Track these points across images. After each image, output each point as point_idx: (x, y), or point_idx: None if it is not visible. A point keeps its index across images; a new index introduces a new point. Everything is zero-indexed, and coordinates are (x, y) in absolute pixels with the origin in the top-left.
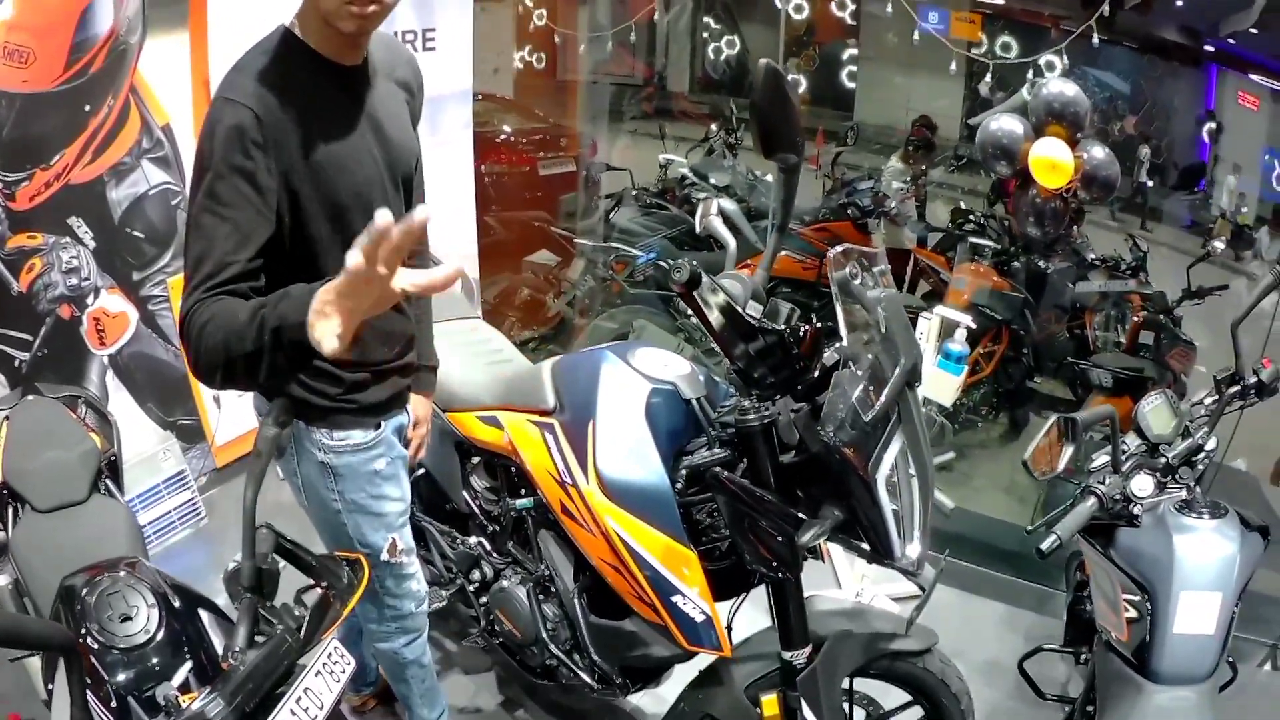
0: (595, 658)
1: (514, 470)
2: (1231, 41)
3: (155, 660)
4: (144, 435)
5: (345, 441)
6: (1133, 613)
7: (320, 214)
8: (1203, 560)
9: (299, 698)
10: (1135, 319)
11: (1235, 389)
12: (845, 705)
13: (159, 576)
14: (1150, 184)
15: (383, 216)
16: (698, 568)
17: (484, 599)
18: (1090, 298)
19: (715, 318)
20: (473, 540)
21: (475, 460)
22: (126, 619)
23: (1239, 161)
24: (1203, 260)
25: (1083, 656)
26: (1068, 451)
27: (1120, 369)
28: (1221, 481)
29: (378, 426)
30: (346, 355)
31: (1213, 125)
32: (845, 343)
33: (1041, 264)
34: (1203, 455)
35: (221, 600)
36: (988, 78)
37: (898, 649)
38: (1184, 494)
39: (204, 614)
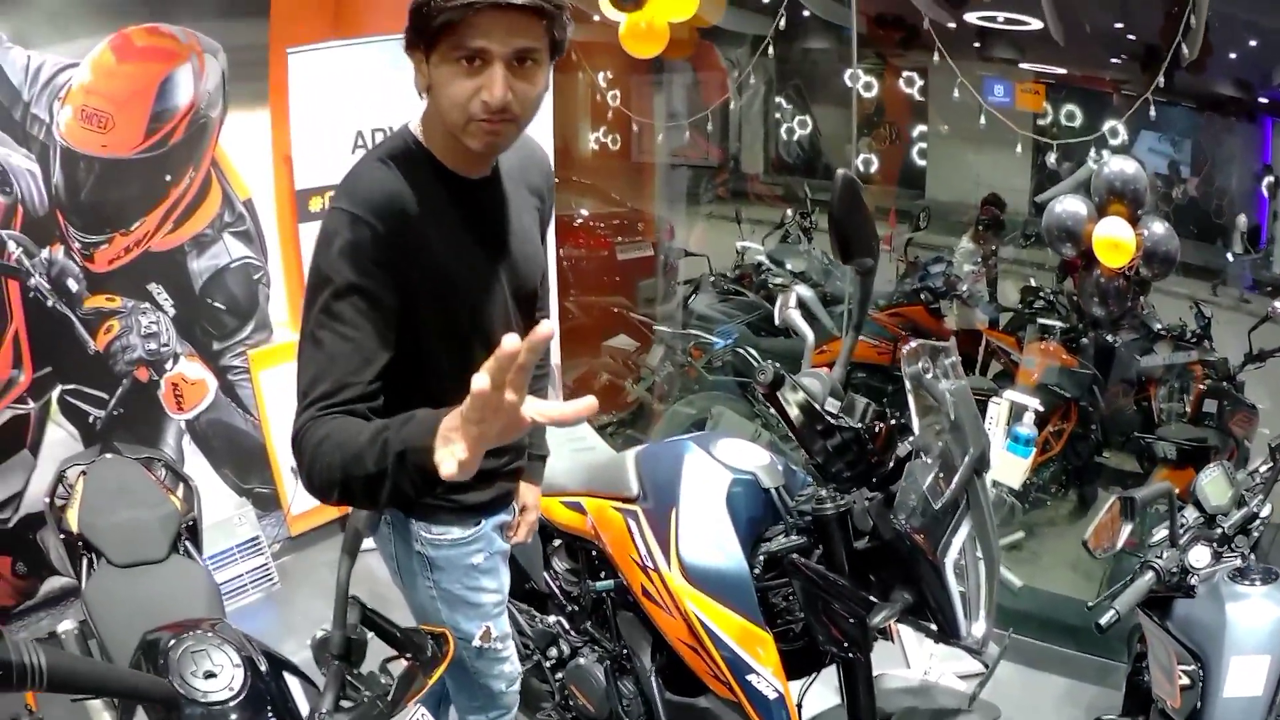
0: None
1: (595, 553)
2: None
3: (238, 717)
4: (220, 500)
5: (444, 536)
6: (1186, 680)
7: (439, 336)
8: (1253, 624)
9: None
10: (1198, 388)
11: None
12: None
13: (243, 637)
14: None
15: (510, 342)
16: (772, 648)
17: (559, 675)
18: (1156, 370)
19: (796, 415)
20: (551, 619)
21: (557, 543)
22: (211, 675)
23: None
24: (1265, 322)
25: None
26: (1126, 529)
27: (1184, 440)
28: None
29: (478, 523)
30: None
31: (1271, 179)
32: (917, 434)
33: (1109, 338)
34: (1258, 522)
35: (297, 658)
36: (1053, 151)
37: None
38: (1239, 562)
39: (286, 676)
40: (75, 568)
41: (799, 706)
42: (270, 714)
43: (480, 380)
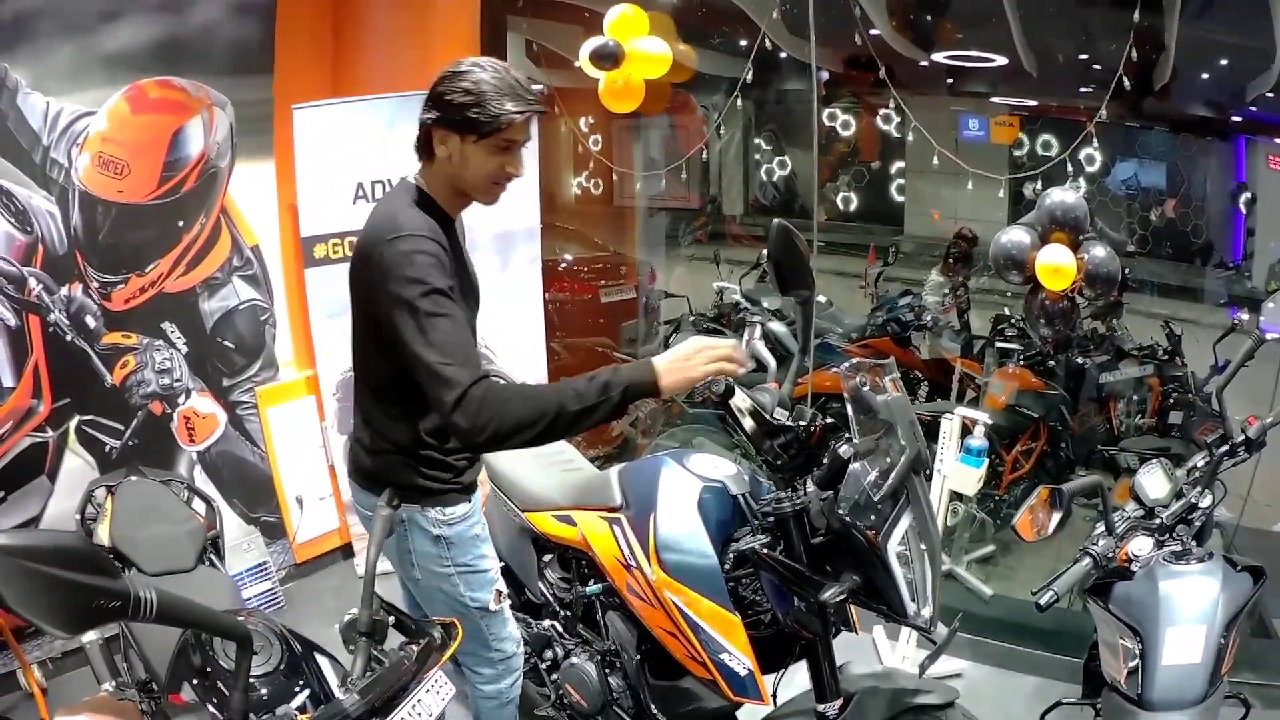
0: (656, 714)
1: (584, 562)
2: (1254, 108)
3: (278, 687)
4: (229, 527)
5: (455, 514)
6: (1134, 659)
7: None
8: (1186, 599)
9: (415, 704)
10: (1155, 399)
11: (1225, 449)
12: None
13: (277, 623)
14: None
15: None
16: (741, 630)
17: (554, 676)
18: (1114, 385)
19: (745, 420)
20: (545, 624)
21: (549, 557)
22: (253, 653)
23: (1275, 227)
24: (1231, 333)
25: (1098, 707)
26: (1055, 517)
27: (1146, 450)
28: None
29: (470, 500)
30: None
31: (1247, 196)
32: (857, 441)
33: (1079, 360)
34: (1198, 512)
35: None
36: (1037, 184)
37: (921, 703)
38: (1178, 547)
39: (316, 656)
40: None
41: (773, 696)
42: (305, 685)
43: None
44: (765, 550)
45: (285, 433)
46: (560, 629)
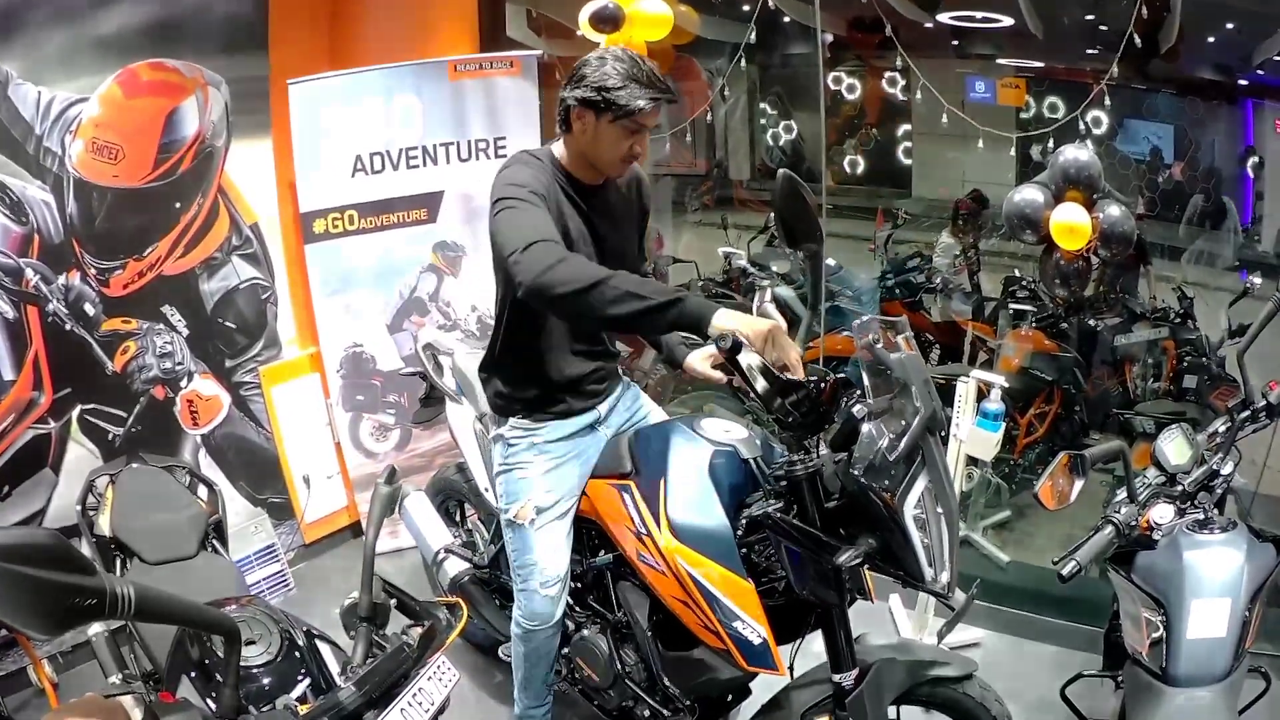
0: (669, 685)
1: (594, 532)
2: (1261, 72)
3: (277, 677)
4: (236, 510)
5: (517, 425)
6: (1157, 632)
7: None
8: (1211, 570)
9: (415, 694)
10: (1171, 363)
11: (1246, 414)
12: None
13: (277, 610)
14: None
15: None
16: (754, 597)
17: (565, 650)
18: (1130, 349)
19: (756, 378)
20: None
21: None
22: (250, 643)
23: None
24: (1243, 297)
25: (1119, 679)
26: (1078, 485)
27: (1161, 414)
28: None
29: (534, 420)
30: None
31: (1255, 160)
32: (870, 400)
33: (1091, 322)
34: (1220, 479)
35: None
36: (1049, 142)
37: (938, 675)
38: (1200, 515)
39: (317, 642)
40: (110, 569)
41: (790, 669)
42: (304, 675)
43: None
44: (779, 515)
45: (290, 412)
46: (571, 602)
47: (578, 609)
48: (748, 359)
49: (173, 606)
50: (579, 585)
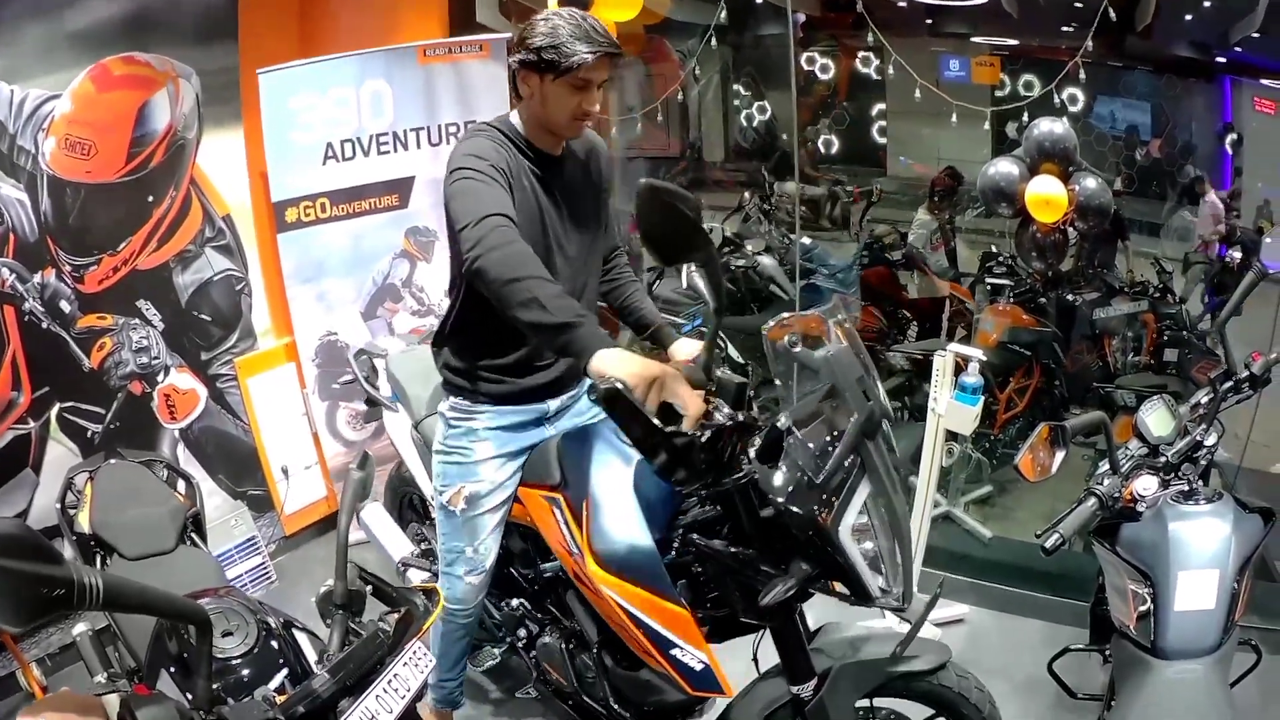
0: (614, 706)
1: (542, 537)
2: (1239, 50)
3: (255, 668)
4: (216, 503)
5: (459, 405)
6: (1144, 605)
7: None
8: (1197, 541)
9: (390, 680)
10: (1150, 336)
11: (1229, 384)
12: None
13: (254, 601)
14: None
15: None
16: (690, 624)
17: (533, 654)
18: (1109, 322)
19: (632, 428)
20: (515, 602)
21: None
22: (228, 634)
23: (1262, 167)
24: (1222, 271)
25: (1107, 653)
26: (1059, 456)
27: (1142, 387)
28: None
29: (477, 404)
30: None
31: (1234, 136)
32: (787, 414)
33: (1070, 297)
34: (1203, 451)
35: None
36: (1024, 119)
37: (907, 670)
38: (1185, 487)
39: (295, 632)
40: (89, 566)
41: (755, 660)
42: (282, 665)
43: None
44: (703, 542)
45: (267, 403)
46: (529, 606)
47: (536, 613)
48: (622, 406)
49: (143, 596)
50: (536, 588)
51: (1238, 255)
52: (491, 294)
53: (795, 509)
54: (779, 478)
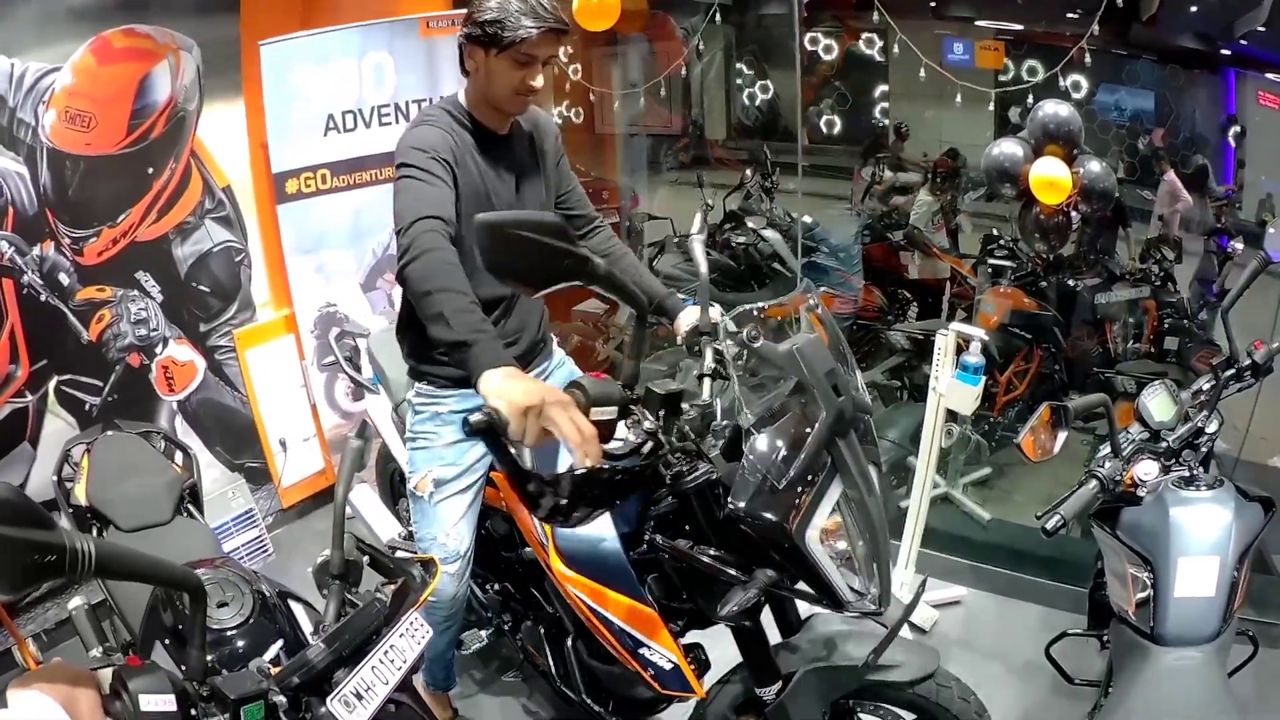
0: (586, 700)
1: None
2: (1244, 43)
3: (250, 639)
4: (213, 476)
5: (424, 391)
6: (1144, 590)
7: (466, 223)
8: (1198, 528)
9: (386, 650)
10: (1151, 323)
11: (1230, 372)
12: None
13: (250, 571)
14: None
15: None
16: (658, 623)
17: (519, 636)
18: (1111, 308)
19: (502, 460)
20: (500, 585)
21: (493, 512)
22: (223, 605)
23: (1264, 161)
24: (1227, 261)
25: (1105, 638)
26: (1061, 436)
27: (1143, 374)
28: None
29: (441, 389)
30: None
31: (1237, 129)
32: (750, 412)
33: (1071, 282)
34: (1205, 437)
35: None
36: (1029, 102)
37: (884, 680)
38: (1185, 473)
39: (291, 603)
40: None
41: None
42: (278, 636)
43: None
44: (667, 544)
45: (265, 375)
46: (512, 589)
47: (519, 597)
48: (494, 442)
49: (135, 563)
50: (520, 571)
51: (1239, 247)
52: (413, 302)
53: (754, 515)
54: (738, 481)
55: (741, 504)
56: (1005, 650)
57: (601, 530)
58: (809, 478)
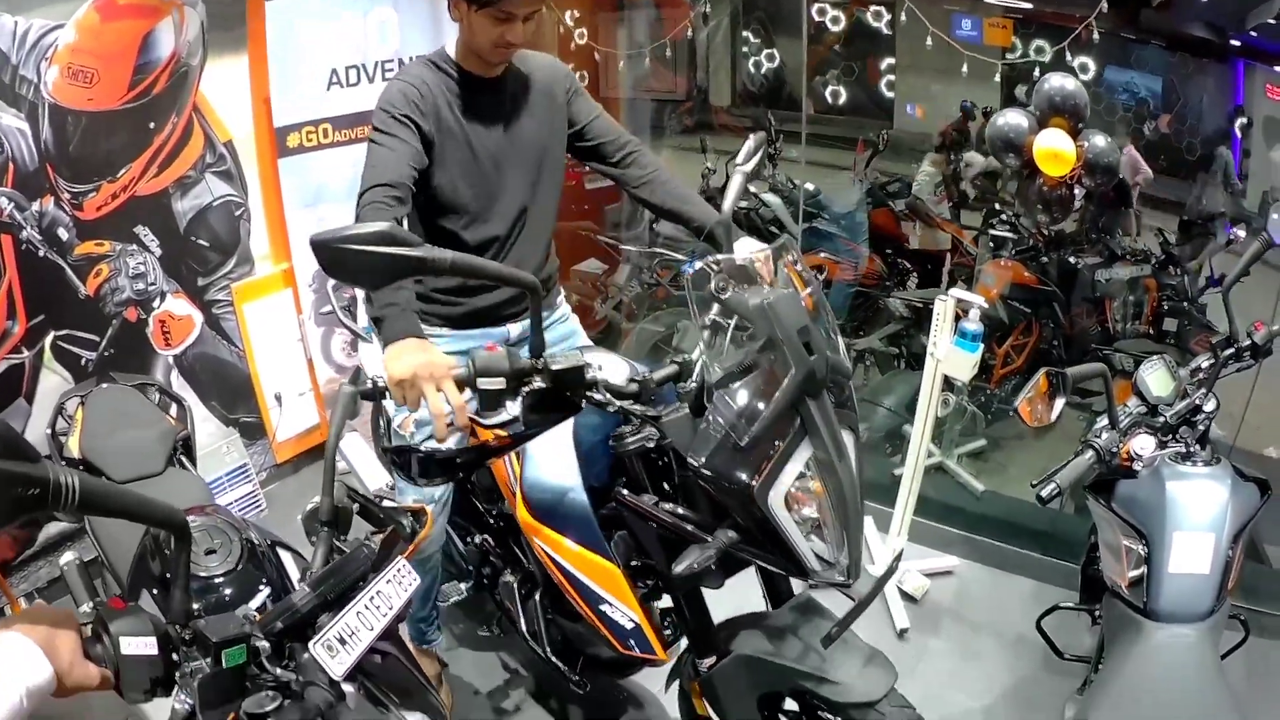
0: (551, 657)
1: None
2: (1255, 35)
3: (238, 586)
4: (208, 430)
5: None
6: (1138, 565)
7: (448, 169)
8: (1194, 503)
9: (372, 596)
10: (1152, 302)
11: (1230, 351)
12: None
13: (239, 519)
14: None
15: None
16: (621, 580)
17: (497, 591)
18: (1111, 285)
19: (377, 423)
20: (478, 538)
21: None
22: (211, 552)
23: (1271, 154)
24: (1229, 245)
25: (1097, 614)
26: (1059, 403)
27: (1141, 353)
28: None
29: (439, 330)
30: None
31: (1244, 120)
32: (708, 366)
33: (1072, 259)
34: (1202, 415)
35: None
36: (1036, 72)
37: (814, 690)
38: (1182, 449)
39: (280, 551)
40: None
41: None
42: (265, 583)
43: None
44: (631, 498)
45: (262, 329)
46: (492, 543)
47: (500, 550)
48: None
49: (120, 499)
50: (499, 524)
51: (1242, 234)
52: None
53: (714, 471)
54: (699, 436)
55: (701, 460)
56: (996, 622)
57: (569, 481)
58: (775, 439)
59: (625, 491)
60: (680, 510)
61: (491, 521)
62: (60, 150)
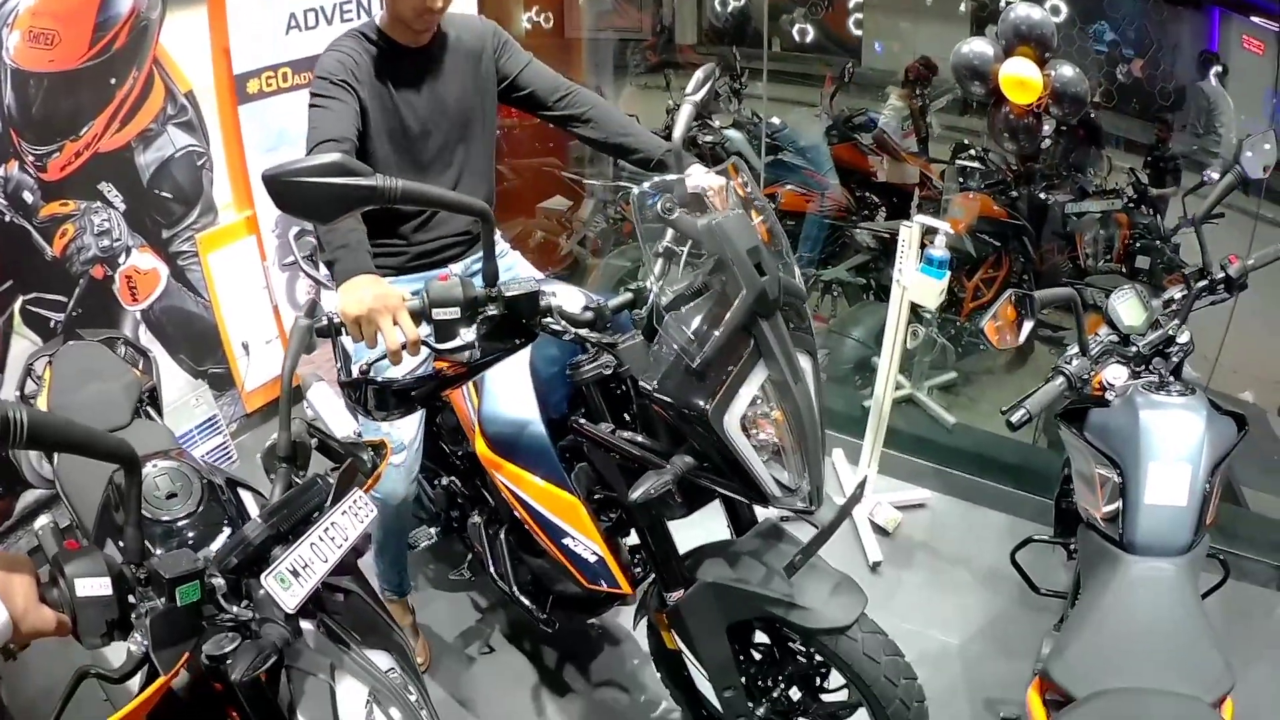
0: (519, 596)
1: None
2: None
3: (199, 529)
4: (177, 384)
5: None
6: (1114, 499)
7: (378, 139)
8: (1170, 434)
9: (327, 528)
10: (1123, 236)
11: (1204, 283)
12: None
13: (202, 462)
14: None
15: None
16: (582, 512)
17: (466, 533)
18: (1082, 222)
19: (337, 358)
20: (445, 480)
21: (439, 404)
22: (172, 496)
23: (1245, 105)
24: (1199, 187)
25: (1072, 547)
26: (1026, 326)
27: (1113, 288)
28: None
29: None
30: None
31: (1219, 69)
32: (658, 289)
33: (1042, 195)
34: (1176, 347)
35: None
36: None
37: (782, 615)
38: (1155, 379)
39: (242, 493)
40: (49, 454)
41: None
42: (227, 525)
43: (391, 337)
44: (587, 426)
45: (228, 278)
46: (459, 484)
47: (468, 492)
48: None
49: (69, 432)
50: (465, 466)
51: (1215, 175)
52: None
53: (666, 394)
54: (651, 360)
55: (654, 384)
56: (970, 556)
57: (527, 415)
58: (729, 362)
59: (583, 421)
60: (639, 439)
61: (457, 463)
62: (23, 114)
